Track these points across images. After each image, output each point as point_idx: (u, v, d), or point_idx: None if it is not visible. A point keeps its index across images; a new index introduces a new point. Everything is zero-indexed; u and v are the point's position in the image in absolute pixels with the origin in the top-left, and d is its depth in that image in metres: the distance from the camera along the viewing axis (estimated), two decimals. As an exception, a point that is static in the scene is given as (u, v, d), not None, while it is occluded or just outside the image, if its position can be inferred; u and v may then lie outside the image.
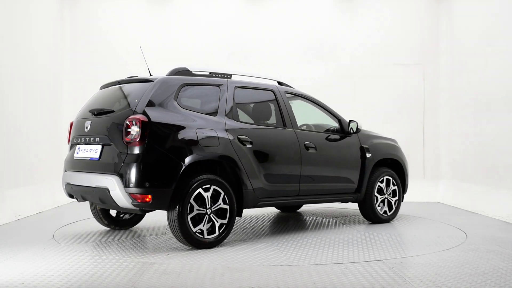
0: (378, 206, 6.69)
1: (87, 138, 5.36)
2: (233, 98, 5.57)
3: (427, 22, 9.87)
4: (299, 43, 9.81)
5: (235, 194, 5.35)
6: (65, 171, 5.73)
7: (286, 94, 6.15)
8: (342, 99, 9.60)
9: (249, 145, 5.44)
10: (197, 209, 5.01)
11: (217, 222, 5.15)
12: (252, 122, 5.86)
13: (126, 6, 9.81)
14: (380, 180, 6.67)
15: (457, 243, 5.47)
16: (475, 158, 8.47)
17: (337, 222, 6.94)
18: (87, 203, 6.61)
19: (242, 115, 5.77)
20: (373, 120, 9.12)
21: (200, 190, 5.01)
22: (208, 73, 5.66)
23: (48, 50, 8.99)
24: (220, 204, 5.16)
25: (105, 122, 5.19)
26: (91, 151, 5.26)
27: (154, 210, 5.07)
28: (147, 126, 4.82)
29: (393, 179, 6.83)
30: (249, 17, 9.87)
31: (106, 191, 4.93)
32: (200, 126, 5.16)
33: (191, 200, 4.96)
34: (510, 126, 7.37)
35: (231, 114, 5.48)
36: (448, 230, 6.29)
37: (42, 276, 4.09)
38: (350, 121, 6.45)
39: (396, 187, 6.87)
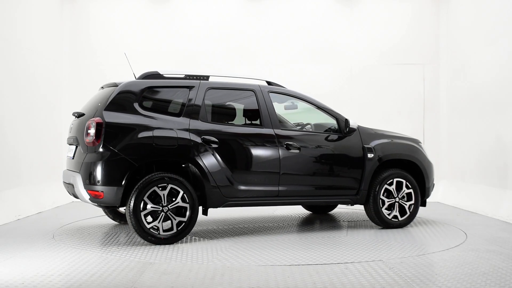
0: (388, 210, 6.28)
1: (70, 139, 5.82)
2: (203, 99, 5.66)
3: (427, 22, 9.87)
4: (299, 43, 9.81)
5: (201, 193, 5.52)
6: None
7: (274, 94, 6.07)
8: (342, 99, 9.61)
9: (214, 145, 5.50)
10: (152, 207, 5.23)
11: (175, 219, 5.32)
12: (225, 122, 5.87)
13: (127, 7, 9.81)
14: (388, 182, 6.25)
15: (457, 243, 5.48)
16: (475, 158, 8.47)
17: (342, 224, 6.94)
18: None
19: (214, 116, 5.81)
20: (373, 120, 9.11)
21: (155, 188, 5.23)
22: (183, 76, 5.81)
23: (48, 50, 8.99)
24: (178, 202, 5.31)
25: (78, 124, 5.61)
26: (70, 151, 5.77)
27: (110, 206, 5.49)
28: (101, 128, 5.20)
29: (407, 181, 6.34)
30: (250, 17, 9.87)
31: (73, 187, 5.47)
32: (158, 127, 5.37)
33: (145, 198, 5.20)
34: (510, 126, 7.38)
35: (198, 115, 5.58)
36: (448, 230, 6.29)
37: (42, 276, 4.09)
38: (346, 120, 6.20)
39: (411, 190, 6.36)
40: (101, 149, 5.18)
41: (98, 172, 5.16)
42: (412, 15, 9.88)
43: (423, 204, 6.61)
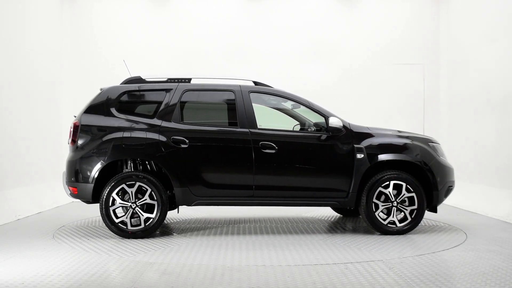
0: (386, 215, 5.85)
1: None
2: (178, 101, 5.86)
3: (427, 22, 9.87)
4: (299, 43, 9.82)
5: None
6: None
7: (262, 95, 6.03)
8: (342, 99, 9.62)
9: (184, 145, 5.66)
10: (120, 203, 5.61)
11: (143, 215, 5.64)
12: (199, 123, 5.93)
13: (126, 6, 9.81)
14: (383, 185, 5.79)
15: (457, 243, 5.48)
16: (475, 158, 8.47)
17: (342, 224, 6.94)
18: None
19: (189, 117, 5.91)
20: (373, 120, 9.12)
21: (123, 185, 5.60)
22: (165, 79, 6.04)
23: (48, 50, 8.99)
24: (146, 199, 5.63)
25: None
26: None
27: (86, 201, 5.81)
28: (77, 129, 5.75)
29: (408, 184, 5.80)
30: (249, 17, 9.87)
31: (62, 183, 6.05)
32: (130, 128, 5.73)
33: (113, 194, 5.58)
34: (510, 126, 7.38)
35: (172, 116, 5.80)
36: (448, 230, 6.29)
37: (42, 276, 4.09)
38: (327, 118, 5.89)
39: (414, 194, 5.81)
40: (77, 149, 5.74)
41: (73, 170, 5.73)
42: (412, 14, 9.89)
43: (433, 209, 6.06)
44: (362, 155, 5.82)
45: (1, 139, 7.08)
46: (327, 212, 7.69)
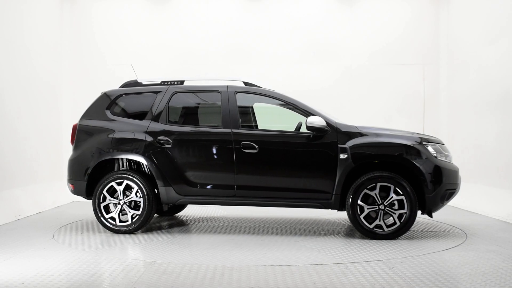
0: (375, 218, 5.59)
1: None
2: (167, 103, 6.11)
3: (427, 22, 9.87)
4: (299, 43, 9.82)
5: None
6: None
7: (247, 95, 6.05)
8: (342, 99, 9.62)
9: (168, 145, 5.88)
10: (109, 200, 5.97)
11: (130, 212, 5.95)
12: (185, 123, 6.15)
13: (126, 6, 9.81)
14: (369, 187, 5.53)
15: (457, 243, 5.48)
16: (475, 158, 8.47)
17: (341, 225, 6.94)
18: (86, 202, 7.20)
19: (176, 118, 6.17)
20: (373, 120, 9.12)
21: (113, 183, 5.95)
22: (159, 82, 6.29)
23: (48, 51, 8.99)
24: (132, 197, 5.93)
25: None
26: None
27: (84, 197, 6.13)
28: (75, 130, 6.19)
29: (397, 187, 5.49)
30: (250, 17, 9.87)
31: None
32: (121, 129, 6.05)
33: (104, 192, 5.96)
34: (510, 126, 7.38)
35: (160, 118, 6.05)
36: (448, 230, 6.29)
37: (42, 276, 4.10)
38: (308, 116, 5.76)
39: (403, 197, 5.50)
40: (74, 149, 6.19)
41: (70, 168, 6.18)
42: (412, 15, 9.89)
43: (429, 214, 5.70)
44: (346, 155, 5.59)
45: (1, 139, 7.08)
46: (343, 215, 7.70)
